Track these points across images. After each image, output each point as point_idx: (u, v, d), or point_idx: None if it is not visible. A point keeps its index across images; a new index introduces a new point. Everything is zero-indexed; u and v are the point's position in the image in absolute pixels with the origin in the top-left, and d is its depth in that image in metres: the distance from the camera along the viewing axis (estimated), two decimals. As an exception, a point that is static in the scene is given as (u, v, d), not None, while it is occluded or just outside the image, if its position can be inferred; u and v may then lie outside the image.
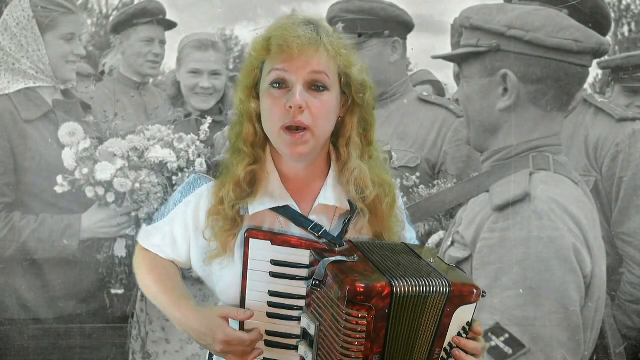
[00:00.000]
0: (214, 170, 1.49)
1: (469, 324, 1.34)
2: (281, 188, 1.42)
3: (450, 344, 1.33)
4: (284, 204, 1.42)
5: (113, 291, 2.65)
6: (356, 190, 1.41)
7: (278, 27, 1.34)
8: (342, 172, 1.44)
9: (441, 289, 1.27)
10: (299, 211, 1.42)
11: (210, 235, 1.42)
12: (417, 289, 1.26)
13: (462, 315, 1.31)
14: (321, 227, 1.40)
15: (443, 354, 1.33)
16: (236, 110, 1.44)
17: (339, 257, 1.30)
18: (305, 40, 1.32)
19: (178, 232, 1.48)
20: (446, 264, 1.38)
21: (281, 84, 1.35)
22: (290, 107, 1.32)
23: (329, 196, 1.43)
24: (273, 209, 1.42)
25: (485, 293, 1.32)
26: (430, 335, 1.30)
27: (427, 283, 1.27)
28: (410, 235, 1.59)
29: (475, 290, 1.30)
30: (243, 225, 1.41)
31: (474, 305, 1.31)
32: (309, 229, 1.40)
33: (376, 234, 1.46)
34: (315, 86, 1.35)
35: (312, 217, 1.43)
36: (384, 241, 1.45)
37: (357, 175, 1.41)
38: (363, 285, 1.21)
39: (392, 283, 1.24)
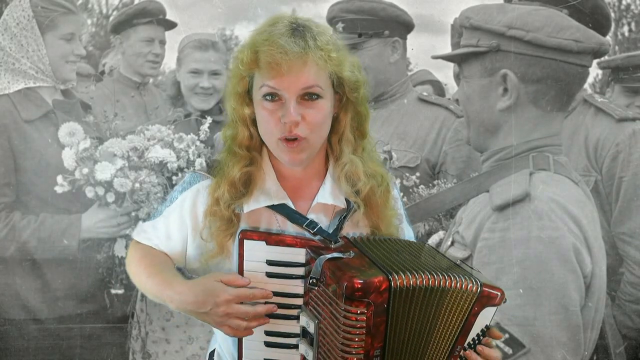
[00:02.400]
0: (212, 169, 1.49)
1: (487, 328, 1.34)
2: (277, 186, 1.42)
3: (469, 343, 1.33)
4: (280, 203, 1.41)
5: (113, 291, 2.65)
6: (348, 184, 1.41)
7: (265, 40, 1.31)
8: (335, 168, 1.44)
9: (470, 287, 1.28)
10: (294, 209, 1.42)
11: (207, 236, 1.41)
12: (423, 282, 1.26)
13: (484, 317, 1.31)
14: (316, 224, 1.40)
15: (462, 352, 1.33)
16: (229, 115, 1.43)
17: (335, 254, 1.30)
18: (292, 56, 1.29)
19: (173, 227, 1.47)
20: (471, 267, 1.38)
21: (274, 96, 1.34)
22: (286, 122, 1.32)
23: (327, 195, 1.43)
24: (269, 207, 1.42)
25: (506, 299, 1.33)
26: (454, 332, 1.30)
27: (440, 277, 1.27)
28: (408, 234, 1.58)
29: (500, 294, 1.31)
30: (240, 225, 1.41)
31: (495, 309, 1.32)
32: (304, 226, 1.40)
33: (373, 225, 1.46)
34: (309, 95, 1.34)
35: (310, 215, 1.43)
36: (381, 236, 1.45)
37: (347, 170, 1.41)
38: (361, 281, 1.21)
39: (390, 277, 1.23)
